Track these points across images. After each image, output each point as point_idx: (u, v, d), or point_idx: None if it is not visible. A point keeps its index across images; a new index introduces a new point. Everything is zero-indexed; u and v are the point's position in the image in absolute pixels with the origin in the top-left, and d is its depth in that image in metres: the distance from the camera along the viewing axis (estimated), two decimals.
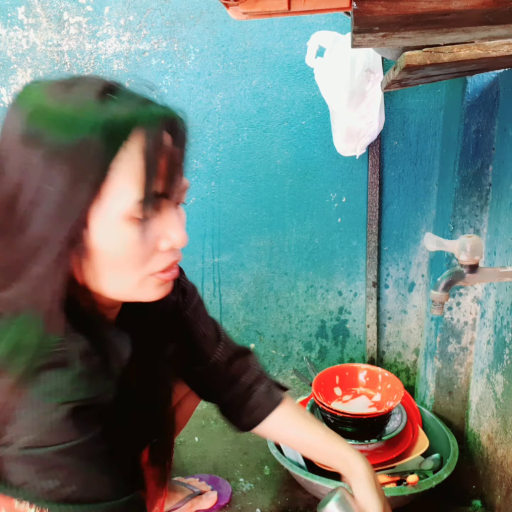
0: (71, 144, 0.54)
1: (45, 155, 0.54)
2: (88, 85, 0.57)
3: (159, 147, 0.56)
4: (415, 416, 1.41)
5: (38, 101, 0.56)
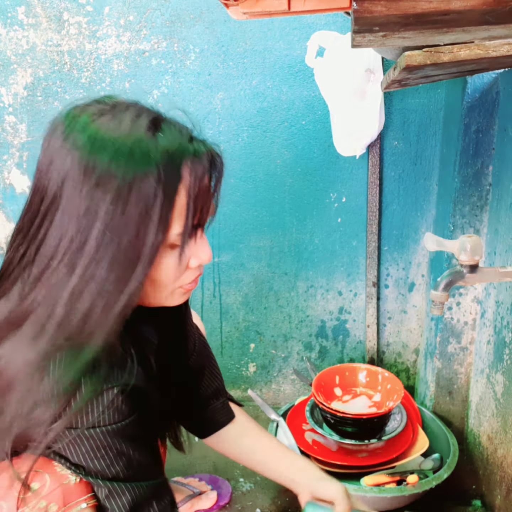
0: (135, 184, 0.57)
1: (113, 198, 0.57)
2: (135, 115, 0.61)
3: (201, 184, 0.62)
4: (415, 416, 1.41)
5: (92, 135, 0.58)
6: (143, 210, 0.58)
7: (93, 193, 0.57)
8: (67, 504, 0.62)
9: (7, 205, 1.63)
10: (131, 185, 0.57)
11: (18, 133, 1.56)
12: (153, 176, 0.57)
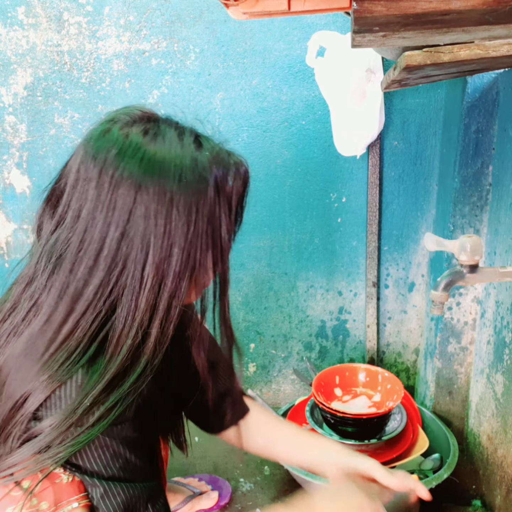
0: (200, 203, 0.61)
1: (185, 220, 0.60)
2: (178, 135, 0.64)
3: (241, 195, 0.68)
4: (415, 416, 1.41)
5: (150, 164, 0.60)
6: (210, 226, 0.63)
7: (168, 218, 0.60)
8: (59, 503, 0.62)
9: (7, 205, 1.63)
10: (197, 204, 0.61)
11: (18, 133, 1.56)
12: (212, 192, 0.62)
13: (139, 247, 0.60)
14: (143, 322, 0.62)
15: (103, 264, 0.61)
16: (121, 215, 0.60)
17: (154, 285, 0.61)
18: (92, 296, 0.61)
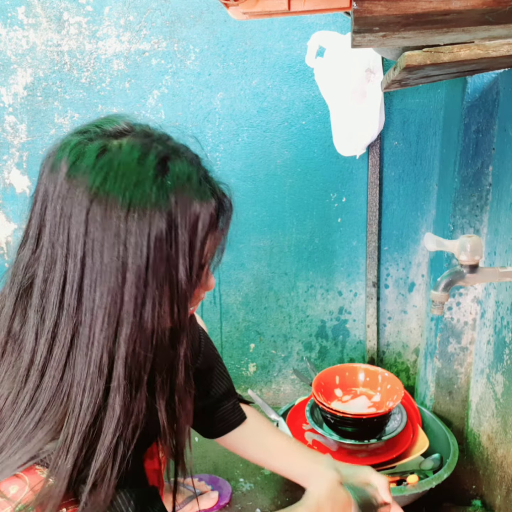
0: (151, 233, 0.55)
1: (134, 250, 0.55)
2: (142, 154, 0.57)
3: (209, 229, 0.61)
4: (415, 416, 1.41)
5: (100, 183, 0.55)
6: (164, 257, 0.57)
7: (116, 252, 0.55)
8: (46, 509, 0.60)
9: (7, 205, 1.63)
10: (148, 238, 0.55)
11: (18, 133, 1.56)
12: (164, 223, 0.56)
13: (90, 285, 0.56)
14: (101, 368, 0.57)
15: (67, 304, 0.57)
16: (76, 248, 0.56)
17: (106, 328, 0.56)
18: (68, 345, 0.58)
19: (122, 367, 0.57)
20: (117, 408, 0.58)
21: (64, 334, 0.58)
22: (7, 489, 0.58)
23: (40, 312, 0.58)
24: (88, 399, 0.57)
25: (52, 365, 0.58)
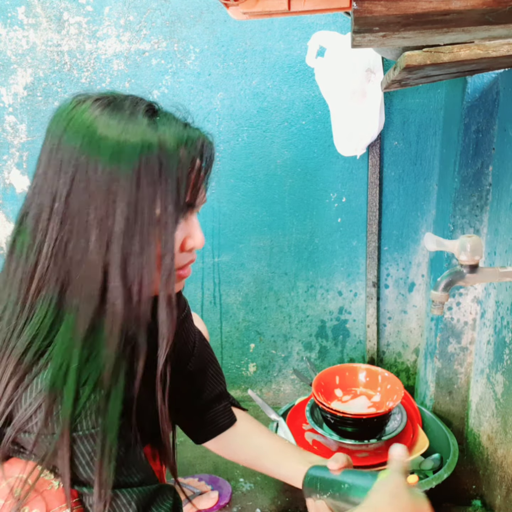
0: (142, 167, 0.61)
1: (126, 182, 0.60)
2: (133, 102, 0.64)
3: (193, 165, 0.65)
4: (415, 416, 1.41)
5: (94, 125, 0.61)
6: (152, 190, 0.61)
7: (108, 180, 0.60)
8: (50, 510, 0.61)
9: (7, 205, 1.63)
10: (139, 167, 0.61)
11: (18, 133, 1.56)
12: (156, 158, 0.61)
13: (83, 199, 0.61)
14: (97, 278, 0.61)
15: (56, 218, 0.62)
16: (66, 169, 0.61)
17: (98, 239, 0.61)
18: (50, 252, 0.62)
19: (119, 276, 0.62)
20: (118, 312, 0.62)
21: (48, 247, 0.62)
22: (12, 492, 0.60)
23: (31, 235, 0.64)
24: (87, 306, 0.62)
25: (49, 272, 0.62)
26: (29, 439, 0.60)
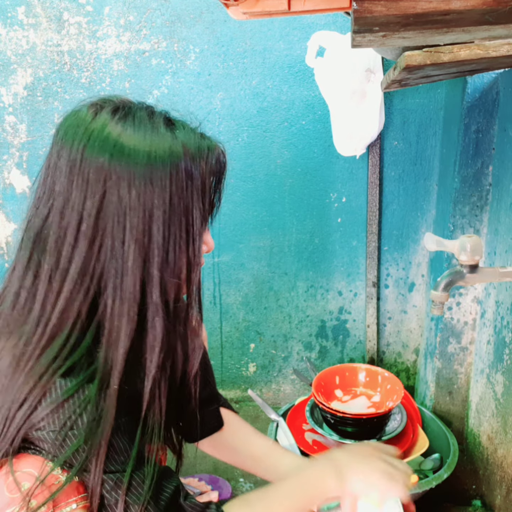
0: (173, 179, 0.61)
1: (158, 195, 0.61)
2: (148, 115, 0.64)
3: (214, 176, 0.67)
4: (415, 416, 1.40)
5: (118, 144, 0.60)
6: (183, 204, 0.62)
7: (142, 198, 0.60)
8: (57, 504, 0.61)
9: (7, 205, 1.63)
10: (171, 182, 0.61)
11: (18, 133, 1.56)
12: (183, 172, 0.62)
13: (116, 220, 0.60)
14: (136, 295, 0.62)
15: (83, 239, 0.61)
16: (95, 189, 0.60)
17: (136, 259, 0.61)
18: (78, 273, 0.61)
19: (158, 293, 0.62)
20: (159, 329, 0.63)
21: (75, 269, 0.61)
22: (19, 486, 0.60)
23: (54, 257, 0.62)
24: (127, 324, 0.62)
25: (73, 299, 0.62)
26: (41, 435, 0.61)
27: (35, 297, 0.63)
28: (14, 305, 0.64)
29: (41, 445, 0.62)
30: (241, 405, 1.72)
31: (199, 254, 0.66)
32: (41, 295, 0.62)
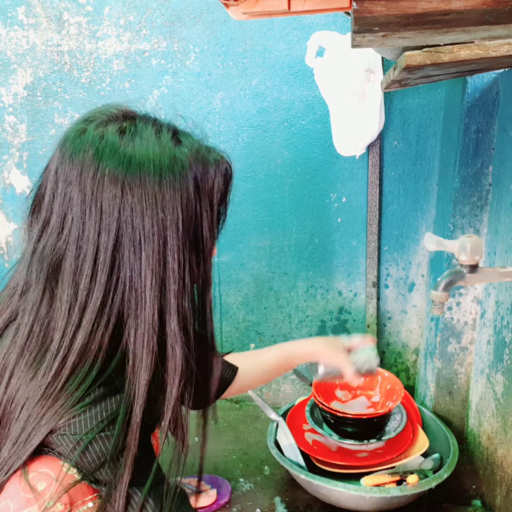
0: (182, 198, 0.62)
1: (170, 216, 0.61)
2: (156, 131, 0.64)
3: (221, 190, 0.67)
4: (415, 416, 1.41)
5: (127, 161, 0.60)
6: (193, 224, 0.63)
7: (155, 219, 0.60)
8: (74, 503, 0.61)
9: (7, 205, 1.63)
10: (181, 202, 0.61)
11: (18, 133, 1.56)
12: (191, 189, 0.62)
13: (132, 250, 0.60)
14: (154, 326, 0.62)
15: (101, 271, 0.60)
16: (110, 220, 0.60)
17: (154, 288, 0.61)
18: (98, 305, 0.61)
19: (176, 321, 0.62)
20: (179, 358, 0.63)
21: (94, 302, 0.60)
22: (35, 486, 0.60)
23: (71, 288, 0.61)
24: (147, 355, 0.61)
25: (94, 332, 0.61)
26: (58, 439, 0.61)
27: (53, 329, 0.62)
28: (28, 336, 0.63)
29: (58, 448, 0.62)
30: (241, 405, 1.72)
31: (211, 273, 0.67)
32: (60, 328, 0.61)
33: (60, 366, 0.60)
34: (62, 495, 0.60)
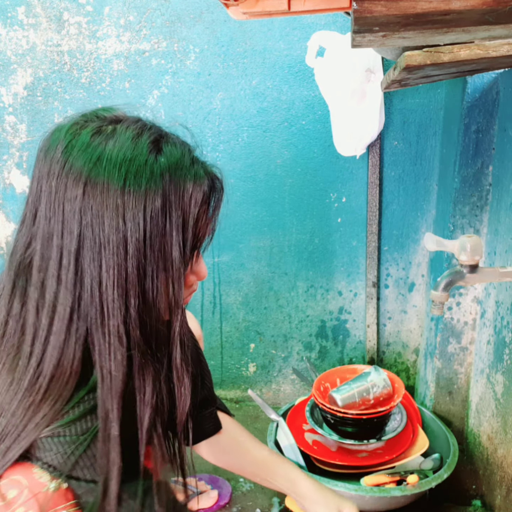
0: (147, 209, 0.57)
1: (132, 226, 0.57)
2: (136, 135, 0.59)
3: (200, 209, 0.61)
4: (415, 416, 1.41)
5: (93, 161, 0.56)
6: (159, 240, 0.59)
7: (116, 228, 0.57)
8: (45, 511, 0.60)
9: (7, 205, 1.63)
10: (144, 213, 0.57)
11: (18, 133, 1.56)
12: (159, 198, 0.57)
13: (92, 258, 0.57)
14: (120, 338, 0.59)
15: (65, 275, 0.58)
16: (72, 222, 0.57)
17: (116, 300, 0.58)
18: (68, 311, 0.58)
19: (138, 335, 0.60)
20: (147, 371, 0.61)
21: (63, 307, 0.58)
22: (6, 493, 0.58)
23: (39, 288, 0.59)
24: (116, 367, 0.59)
25: (54, 334, 0.58)
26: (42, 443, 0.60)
27: (25, 328, 0.60)
28: (3, 333, 0.61)
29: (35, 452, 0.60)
30: (241, 405, 1.72)
31: (180, 296, 0.62)
32: (30, 329, 0.59)
33: (35, 373, 0.58)
34: (32, 504, 0.58)
